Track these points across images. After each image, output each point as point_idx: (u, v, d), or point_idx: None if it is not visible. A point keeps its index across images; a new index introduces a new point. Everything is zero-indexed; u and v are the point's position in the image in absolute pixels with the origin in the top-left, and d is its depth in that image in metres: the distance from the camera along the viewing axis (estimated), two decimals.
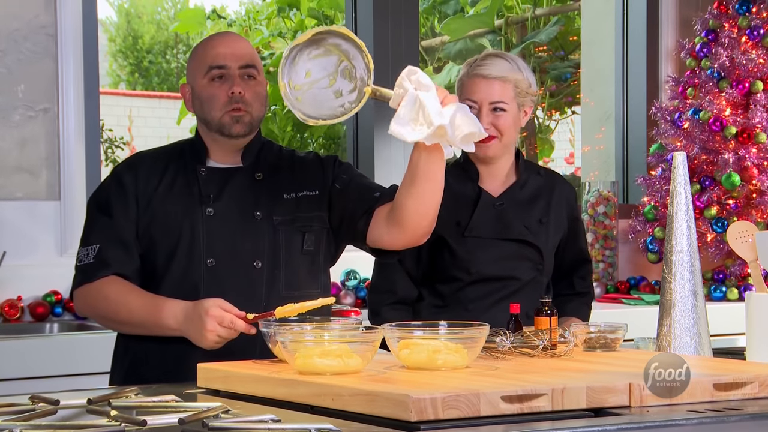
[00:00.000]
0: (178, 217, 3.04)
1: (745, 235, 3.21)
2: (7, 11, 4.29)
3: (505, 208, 3.41)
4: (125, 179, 3.10)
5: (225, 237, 3.04)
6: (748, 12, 5.17)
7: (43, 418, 2.18)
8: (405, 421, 2.13)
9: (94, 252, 3.04)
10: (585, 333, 2.91)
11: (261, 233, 3.07)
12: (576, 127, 9.22)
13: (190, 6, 12.01)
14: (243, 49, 3.08)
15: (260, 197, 3.10)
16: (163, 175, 3.10)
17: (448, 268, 3.38)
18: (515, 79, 3.32)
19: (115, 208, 3.07)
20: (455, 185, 3.42)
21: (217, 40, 3.12)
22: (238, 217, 3.06)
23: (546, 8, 8.03)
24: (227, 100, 3.05)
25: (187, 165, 3.12)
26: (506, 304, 3.23)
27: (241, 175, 3.11)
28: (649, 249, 5.20)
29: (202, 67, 3.08)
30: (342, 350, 2.47)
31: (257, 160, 3.14)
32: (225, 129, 3.06)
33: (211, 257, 3.03)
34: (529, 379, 2.39)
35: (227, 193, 3.08)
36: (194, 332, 2.88)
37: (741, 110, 5.08)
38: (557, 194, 3.49)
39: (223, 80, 3.06)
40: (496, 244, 3.38)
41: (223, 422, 2.08)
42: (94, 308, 3.04)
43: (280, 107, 7.92)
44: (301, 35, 2.81)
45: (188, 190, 3.08)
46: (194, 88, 3.10)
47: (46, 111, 4.30)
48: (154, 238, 3.05)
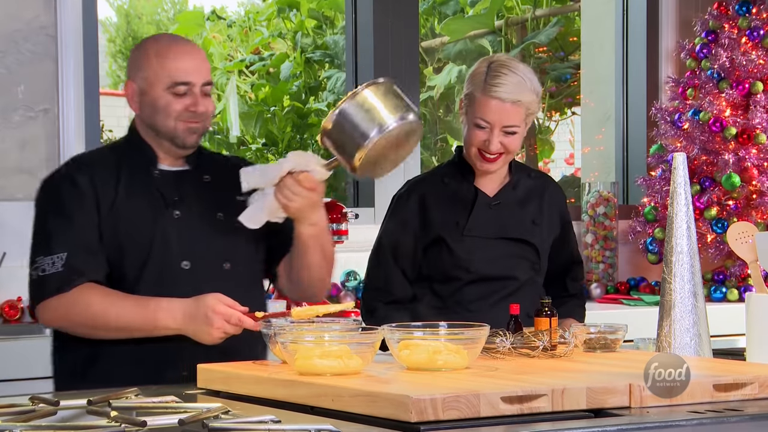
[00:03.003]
0: (148, 221, 2.98)
1: (745, 235, 3.21)
2: (7, 12, 4.29)
3: (501, 207, 3.41)
4: (79, 181, 2.99)
5: (195, 239, 3.01)
6: (748, 13, 5.17)
7: (43, 419, 2.18)
8: (405, 421, 2.13)
9: (62, 261, 2.93)
10: (585, 334, 2.91)
11: (226, 235, 3.04)
12: (576, 128, 9.22)
13: (189, 8, 12.02)
14: (204, 65, 3.04)
15: (217, 199, 3.07)
16: (119, 178, 3.01)
17: (447, 268, 3.37)
18: (528, 102, 3.29)
19: (75, 211, 2.97)
20: (452, 185, 3.41)
21: (179, 50, 3.03)
22: (203, 219, 3.03)
23: (546, 9, 8.03)
24: (183, 111, 3.00)
25: (138, 167, 3.04)
26: (505, 304, 3.23)
27: (190, 177, 3.07)
28: (649, 250, 5.19)
29: (162, 78, 2.99)
30: (342, 351, 2.47)
31: (199, 163, 3.10)
32: (179, 140, 3.02)
33: (185, 260, 2.99)
34: (529, 380, 2.39)
35: (187, 196, 3.04)
36: (199, 330, 2.86)
37: (741, 111, 5.08)
38: (548, 196, 3.48)
39: (185, 95, 3.00)
40: (495, 244, 3.38)
41: (223, 423, 2.09)
42: (70, 318, 2.94)
43: (279, 108, 7.93)
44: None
45: (149, 193, 3.01)
46: (146, 92, 3.01)
47: (46, 112, 4.29)
48: (123, 243, 2.97)
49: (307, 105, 7.92)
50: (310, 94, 7.94)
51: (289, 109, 7.91)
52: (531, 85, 3.31)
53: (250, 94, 8.21)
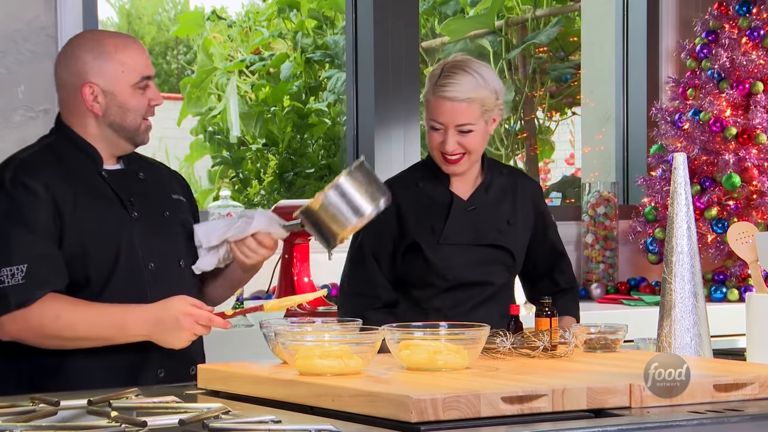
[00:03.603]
0: (113, 224, 2.95)
1: (746, 236, 3.21)
2: (7, 12, 4.29)
3: (477, 212, 3.39)
4: (34, 186, 2.89)
5: (153, 239, 2.99)
6: (749, 13, 5.16)
7: (44, 419, 2.18)
8: (405, 422, 2.13)
9: (22, 273, 2.83)
10: (585, 334, 2.91)
11: (174, 232, 3.05)
12: (576, 128, 9.21)
13: (190, 8, 12.02)
14: (149, 57, 3.04)
15: (157, 197, 3.06)
16: (70, 181, 2.94)
17: (423, 274, 3.36)
18: (481, 98, 3.28)
19: (32, 219, 2.87)
20: (427, 188, 3.39)
21: (134, 46, 3.02)
22: (154, 218, 3.02)
23: (546, 9, 8.03)
24: (147, 107, 3.00)
25: (86, 169, 2.99)
26: (482, 309, 3.27)
27: (129, 176, 3.05)
28: (649, 250, 5.19)
29: (131, 74, 2.97)
30: (342, 351, 2.47)
31: (128, 161, 3.07)
32: (138, 137, 3.01)
33: (150, 261, 2.97)
34: (529, 380, 2.39)
35: (135, 196, 3.01)
36: (169, 335, 2.85)
37: (741, 111, 5.08)
38: (520, 192, 3.46)
39: (145, 90, 3.00)
40: (471, 250, 3.37)
41: (224, 423, 2.09)
42: (35, 330, 2.85)
43: (279, 108, 7.93)
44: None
45: (104, 194, 2.97)
46: (112, 92, 2.97)
47: (46, 112, 4.29)
48: (87, 248, 2.90)
49: (308, 105, 7.91)
50: (310, 94, 7.94)
51: (290, 110, 7.91)
52: (485, 83, 3.29)
53: (250, 95, 8.21)
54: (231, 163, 7.78)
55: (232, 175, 7.78)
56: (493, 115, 3.33)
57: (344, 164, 6.51)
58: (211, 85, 7.76)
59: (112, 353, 2.92)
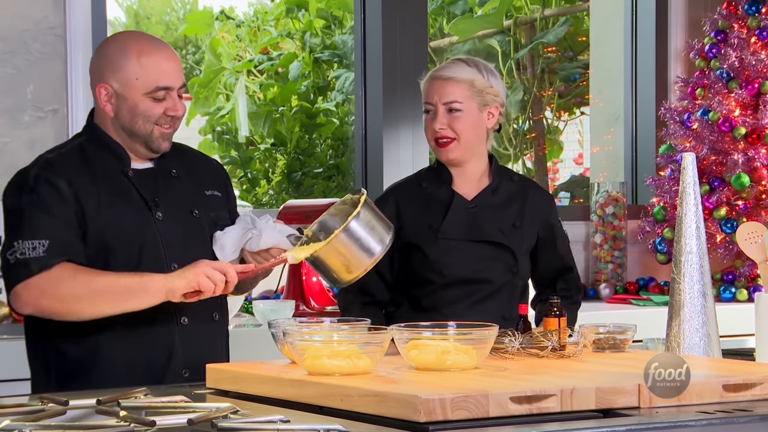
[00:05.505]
0: (136, 225, 2.95)
1: (755, 235, 3.20)
2: (16, 12, 4.30)
3: (478, 211, 3.39)
4: (58, 183, 2.92)
5: (178, 239, 3.00)
6: (758, 12, 5.16)
7: (53, 419, 2.19)
8: (414, 421, 2.13)
9: (43, 247, 2.86)
10: (594, 334, 2.90)
11: (203, 231, 3.05)
12: (585, 128, 9.20)
13: (199, 8, 12.03)
14: (179, 67, 3.00)
15: (188, 195, 3.06)
16: (95, 181, 2.95)
17: (421, 271, 3.37)
18: (470, 79, 3.32)
19: (56, 210, 2.90)
20: (429, 188, 3.41)
21: (159, 54, 2.98)
22: (181, 217, 3.02)
23: (555, 9, 8.02)
24: (162, 115, 2.97)
25: (112, 169, 3.00)
26: (481, 307, 3.26)
27: (159, 174, 3.05)
28: (658, 250, 5.19)
29: (146, 81, 2.94)
30: (351, 351, 2.47)
31: (162, 156, 3.06)
32: (153, 144, 3.00)
33: (174, 261, 2.97)
34: (538, 380, 2.39)
35: (162, 195, 3.01)
36: (177, 276, 2.85)
37: (750, 111, 5.07)
38: (531, 200, 3.45)
39: (164, 100, 2.97)
40: (468, 246, 3.37)
41: (232, 423, 2.09)
42: (51, 294, 2.86)
43: (287, 108, 7.93)
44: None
45: (129, 194, 2.98)
46: (123, 96, 2.96)
47: (55, 112, 4.30)
48: (110, 246, 2.93)
49: (316, 105, 7.91)
50: (318, 93, 7.94)
51: (298, 109, 7.91)
52: (478, 70, 3.35)
53: (258, 94, 8.21)
54: (239, 162, 7.78)
55: (240, 174, 7.78)
56: (488, 103, 3.34)
57: (352, 164, 6.51)
58: (220, 84, 7.77)
59: (138, 352, 2.93)
